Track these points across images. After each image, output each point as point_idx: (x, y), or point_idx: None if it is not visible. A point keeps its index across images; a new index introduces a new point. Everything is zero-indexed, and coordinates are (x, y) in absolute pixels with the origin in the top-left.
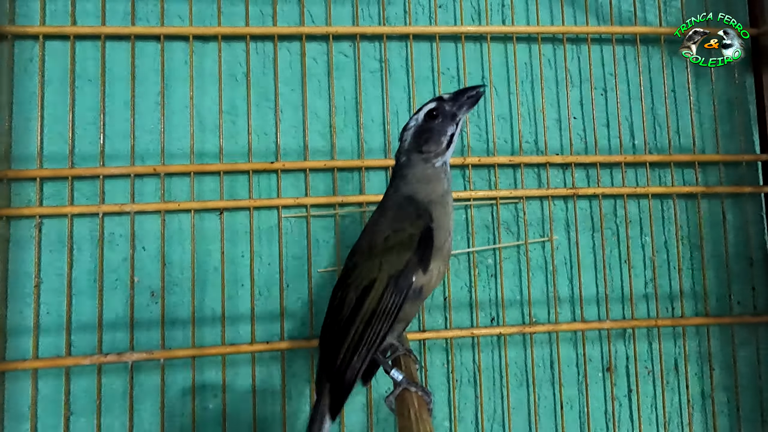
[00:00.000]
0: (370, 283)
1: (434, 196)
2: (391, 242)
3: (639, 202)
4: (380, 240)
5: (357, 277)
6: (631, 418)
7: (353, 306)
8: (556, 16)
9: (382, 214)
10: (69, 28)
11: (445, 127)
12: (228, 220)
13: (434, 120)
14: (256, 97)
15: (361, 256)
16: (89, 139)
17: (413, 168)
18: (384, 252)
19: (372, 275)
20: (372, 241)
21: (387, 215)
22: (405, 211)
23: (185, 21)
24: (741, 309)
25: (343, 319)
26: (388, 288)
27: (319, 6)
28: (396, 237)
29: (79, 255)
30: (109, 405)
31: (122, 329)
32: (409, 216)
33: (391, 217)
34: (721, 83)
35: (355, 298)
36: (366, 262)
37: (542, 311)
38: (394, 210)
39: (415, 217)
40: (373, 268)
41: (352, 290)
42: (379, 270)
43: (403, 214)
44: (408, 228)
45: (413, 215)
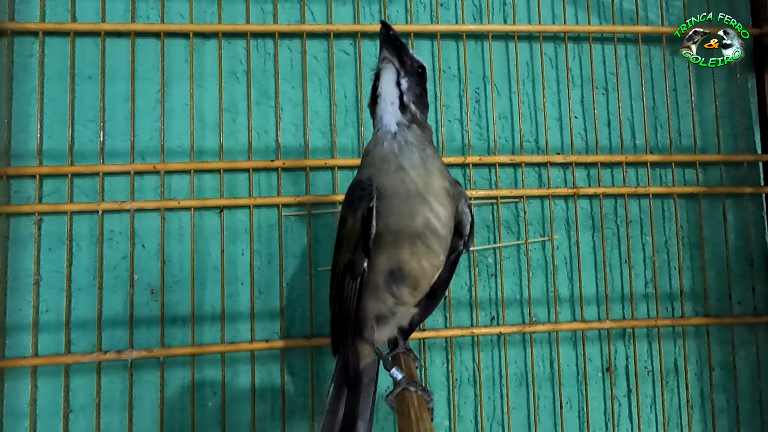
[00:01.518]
0: (335, 267)
1: (374, 168)
2: (342, 232)
3: (640, 202)
4: (338, 232)
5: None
6: (631, 418)
7: (330, 292)
8: (557, 15)
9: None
10: (69, 24)
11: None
12: (228, 218)
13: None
14: (256, 94)
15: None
16: (89, 136)
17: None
18: (339, 241)
19: (337, 260)
20: (337, 234)
21: (344, 207)
22: (350, 196)
23: (186, 18)
24: (741, 309)
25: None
26: (345, 275)
27: (320, 4)
28: (344, 226)
29: (79, 252)
30: (108, 403)
31: (122, 327)
32: (352, 202)
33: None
34: (723, 83)
35: (331, 285)
36: (335, 248)
37: (542, 311)
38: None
39: (358, 200)
40: (336, 254)
41: (332, 275)
42: (339, 255)
43: (349, 199)
44: (350, 216)
45: (356, 199)
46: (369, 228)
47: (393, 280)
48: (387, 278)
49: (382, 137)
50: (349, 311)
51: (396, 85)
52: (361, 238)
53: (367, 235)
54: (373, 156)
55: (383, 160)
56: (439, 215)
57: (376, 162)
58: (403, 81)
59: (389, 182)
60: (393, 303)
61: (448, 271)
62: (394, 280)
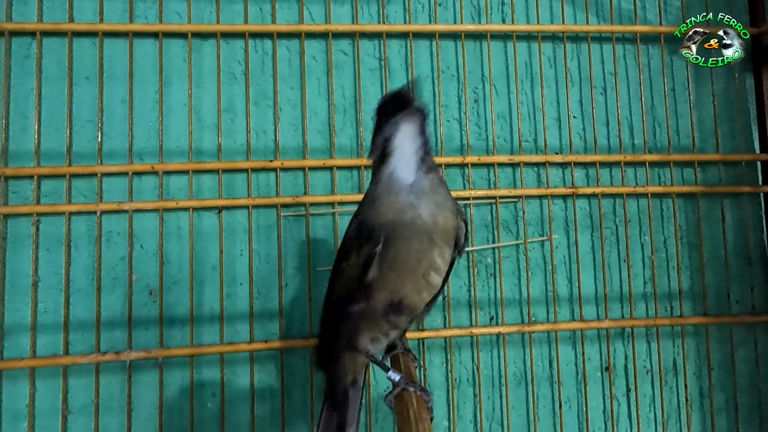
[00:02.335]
0: (329, 297)
1: (387, 218)
2: (342, 267)
3: (638, 202)
4: (338, 262)
5: (328, 289)
6: (630, 417)
7: (321, 315)
8: (556, 15)
9: (346, 233)
10: (66, 24)
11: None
12: (226, 218)
13: (379, 121)
14: (254, 95)
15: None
16: (87, 136)
17: (371, 181)
18: (337, 275)
19: (332, 291)
20: (337, 260)
21: (347, 236)
22: (355, 234)
23: (184, 18)
24: (739, 308)
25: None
26: (340, 310)
27: (318, 4)
28: (346, 262)
29: (77, 253)
30: (106, 404)
31: (120, 328)
32: (357, 239)
33: (346, 240)
34: (721, 83)
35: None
36: (331, 278)
37: (541, 310)
38: (350, 233)
39: (364, 242)
40: (332, 285)
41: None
42: (334, 290)
43: (353, 237)
44: (353, 256)
45: (362, 239)
46: (368, 274)
47: (392, 311)
48: (386, 309)
49: (396, 188)
50: (339, 337)
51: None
52: (360, 281)
53: (366, 280)
54: (384, 204)
55: (398, 211)
56: (444, 255)
57: (388, 212)
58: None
59: (401, 231)
60: (388, 328)
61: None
62: (393, 310)
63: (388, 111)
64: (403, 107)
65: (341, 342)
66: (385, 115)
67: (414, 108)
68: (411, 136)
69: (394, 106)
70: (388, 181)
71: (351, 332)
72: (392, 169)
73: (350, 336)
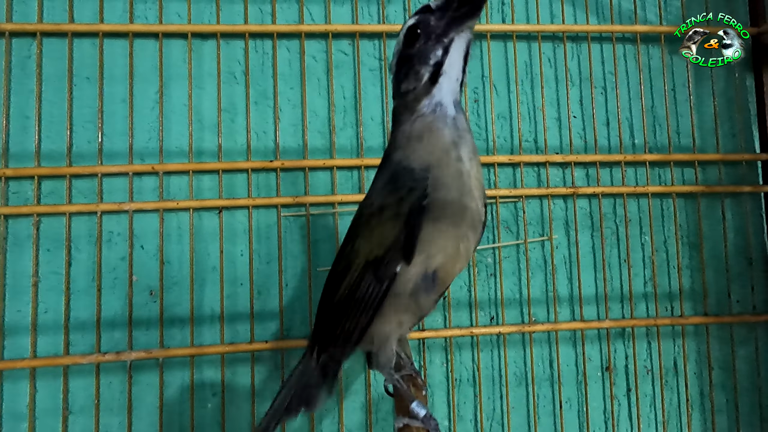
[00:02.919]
0: (345, 267)
1: (433, 157)
2: (373, 223)
3: (639, 201)
4: (364, 219)
5: (337, 261)
6: (630, 418)
7: (325, 293)
8: (556, 15)
9: (373, 186)
10: (67, 25)
11: (426, 53)
12: (227, 218)
13: (416, 43)
14: (254, 95)
15: (346, 238)
16: (87, 137)
17: (401, 121)
18: (365, 235)
19: (350, 259)
20: (357, 220)
21: (376, 187)
22: (396, 184)
23: (184, 19)
24: (740, 308)
25: (322, 306)
26: (365, 277)
27: (318, 4)
28: (380, 217)
29: (77, 254)
30: (107, 404)
31: (121, 328)
32: (400, 189)
33: (379, 190)
34: (721, 82)
35: (330, 285)
36: (347, 245)
37: (541, 310)
38: (384, 181)
39: (406, 191)
40: (351, 251)
41: (331, 275)
42: (357, 255)
43: (392, 187)
44: (394, 206)
45: (405, 188)
46: (417, 228)
47: (424, 288)
48: (417, 285)
49: (441, 122)
50: (359, 321)
51: (464, 57)
52: (406, 237)
53: (413, 235)
54: (429, 143)
55: (444, 151)
56: (480, 212)
57: (435, 151)
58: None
59: (448, 176)
60: (411, 315)
61: None
62: (425, 287)
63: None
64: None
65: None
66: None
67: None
68: (457, 60)
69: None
70: (434, 114)
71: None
72: (440, 97)
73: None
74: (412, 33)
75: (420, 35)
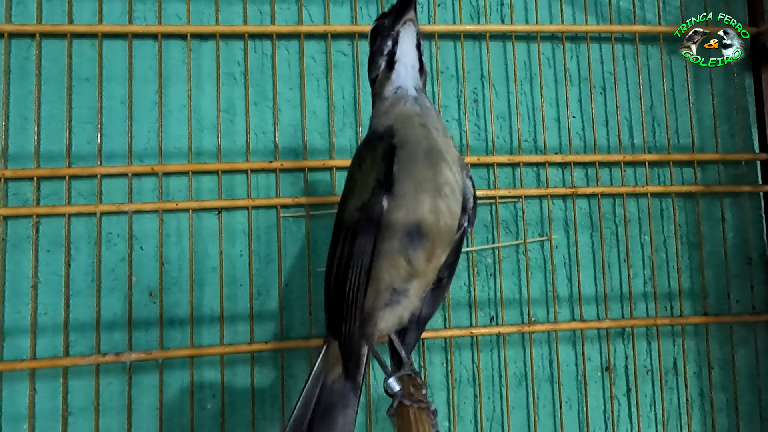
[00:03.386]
0: (339, 226)
1: (397, 122)
2: (356, 176)
3: (638, 201)
4: (348, 182)
5: (334, 232)
6: (630, 417)
7: (328, 262)
8: (555, 15)
9: (351, 163)
10: (66, 26)
11: (382, 47)
12: (226, 219)
13: (375, 41)
14: (254, 96)
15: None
16: (86, 138)
17: (374, 106)
18: (350, 189)
19: (343, 219)
20: (344, 189)
21: (353, 161)
22: (367, 144)
23: (183, 20)
24: (740, 308)
25: (328, 281)
26: (359, 226)
27: (317, 5)
28: (359, 170)
29: (77, 255)
30: (107, 405)
31: (120, 329)
32: (370, 142)
33: (356, 155)
34: (720, 82)
35: (330, 255)
36: (339, 212)
37: (541, 310)
38: (359, 148)
39: (376, 139)
40: (343, 212)
41: (330, 248)
42: (352, 208)
43: (364, 147)
44: (368, 156)
45: (374, 139)
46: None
47: (410, 242)
48: (403, 239)
49: (402, 99)
50: (359, 277)
51: (416, 47)
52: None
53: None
54: (392, 113)
55: (407, 117)
56: (456, 177)
57: (397, 117)
58: (421, 44)
59: (413, 134)
60: (406, 273)
61: (454, 255)
62: (411, 241)
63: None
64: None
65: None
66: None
67: (409, 17)
68: (410, 50)
69: (390, 20)
70: (395, 95)
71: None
72: (398, 82)
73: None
74: (372, 34)
75: (377, 34)
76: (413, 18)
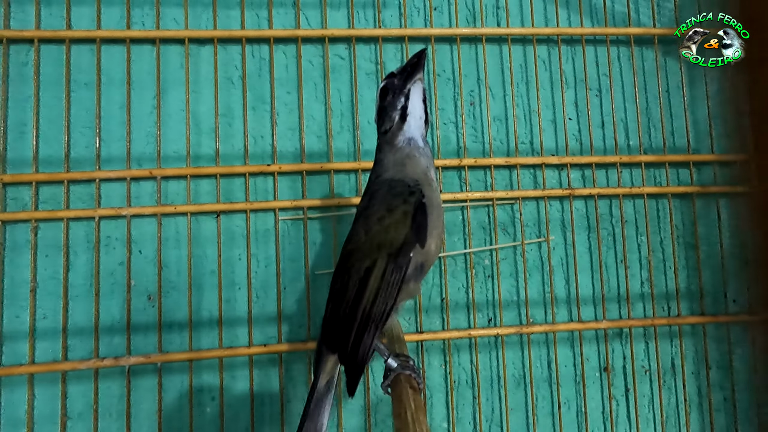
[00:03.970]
0: (372, 263)
1: (417, 175)
2: (387, 222)
3: (634, 202)
4: (375, 221)
5: (357, 260)
6: (629, 418)
7: (357, 288)
8: (550, 18)
9: (372, 198)
10: (64, 31)
11: (394, 102)
12: (224, 222)
13: (386, 97)
14: (252, 99)
15: (357, 241)
16: (85, 142)
17: (384, 153)
18: (380, 232)
19: (373, 256)
20: (367, 224)
21: (378, 197)
22: (396, 190)
23: (181, 24)
24: (736, 308)
25: (348, 301)
26: (388, 266)
27: (314, 9)
28: (391, 216)
29: (75, 259)
30: (105, 409)
31: (119, 333)
32: (401, 194)
33: (382, 198)
34: (715, 84)
35: (358, 280)
36: (364, 245)
37: (539, 312)
38: (384, 191)
39: (407, 194)
40: (372, 250)
41: (354, 273)
42: (378, 250)
43: (394, 193)
44: (401, 206)
45: (405, 193)
46: (425, 218)
47: (418, 272)
48: (414, 271)
49: (416, 152)
50: (386, 302)
51: (422, 101)
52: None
53: (424, 224)
54: (410, 166)
55: (424, 173)
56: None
57: (417, 171)
58: (426, 98)
59: (428, 189)
60: (408, 295)
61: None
62: (416, 275)
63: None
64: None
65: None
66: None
67: (419, 76)
68: (418, 103)
69: (402, 79)
70: (409, 146)
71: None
72: (410, 133)
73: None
74: (383, 91)
75: (388, 92)
76: (421, 77)
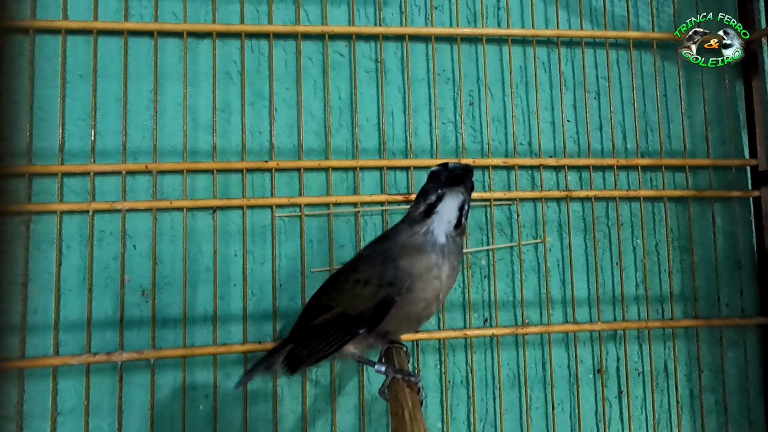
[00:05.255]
0: (328, 310)
1: (416, 269)
2: (357, 289)
3: (631, 205)
4: (353, 280)
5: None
6: (621, 419)
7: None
8: (550, 20)
9: (372, 255)
10: (60, 22)
11: (427, 194)
12: (221, 218)
13: (428, 183)
14: (250, 95)
15: (338, 279)
16: (80, 135)
17: (404, 224)
18: (348, 292)
19: (334, 305)
20: (350, 275)
21: (373, 261)
22: (385, 272)
23: (179, 17)
24: (729, 311)
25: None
26: (335, 322)
27: (314, 5)
28: (364, 287)
29: (69, 253)
30: (97, 405)
31: (112, 328)
32: (385, 278)
33: (373, 265)
34: (712, 89)
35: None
36: (336, 289)
37: (534, 312)
38: (379, 260)
39: (388, 284)
40: (336, 299)
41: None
42: (338, 305)
43: (381, 271)
44: (377, 288)
45: (388, 279)
46: (385, 313)
47: (378, 337)
48: (374, 335)
49: (430, 245)
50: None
51: (459, 209)
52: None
53: (380, 317)
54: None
55: (427, 270)
56: (439, 305)
57: (420, 266)
58: (465, 206)
59: (421, 289)
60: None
61: None
62: (378, 337)
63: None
64: (454, 183)
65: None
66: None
67: (459, 189)
68: (451, 209)
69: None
70: (425, 235)
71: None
72: (432, 227)
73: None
74: (430, 175)
75: (434, 178)
76: (463, 192)
